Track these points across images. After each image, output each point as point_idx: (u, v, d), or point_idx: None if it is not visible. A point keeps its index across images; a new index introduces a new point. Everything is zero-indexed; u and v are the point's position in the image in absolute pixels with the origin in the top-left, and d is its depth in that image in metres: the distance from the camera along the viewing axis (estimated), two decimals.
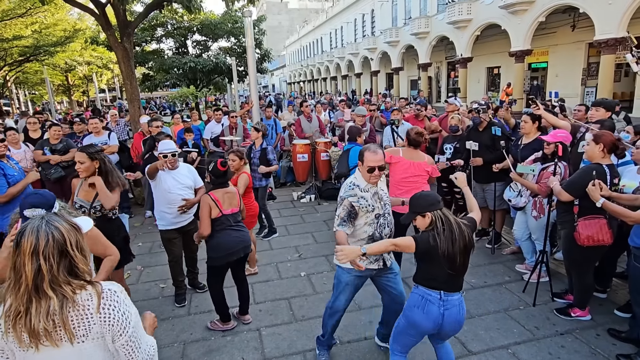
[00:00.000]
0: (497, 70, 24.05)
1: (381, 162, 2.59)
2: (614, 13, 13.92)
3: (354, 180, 2.69)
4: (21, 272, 1.30)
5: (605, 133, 3.13)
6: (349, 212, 2.59)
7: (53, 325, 1.30)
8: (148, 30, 16.12)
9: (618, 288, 3.86)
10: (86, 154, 3.06)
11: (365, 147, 2.70)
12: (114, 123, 7.99)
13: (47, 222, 1.36)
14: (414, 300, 2.33)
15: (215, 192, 3.34)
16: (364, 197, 2.62)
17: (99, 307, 1.36)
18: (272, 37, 54.38)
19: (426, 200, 2.25)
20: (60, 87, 31.30)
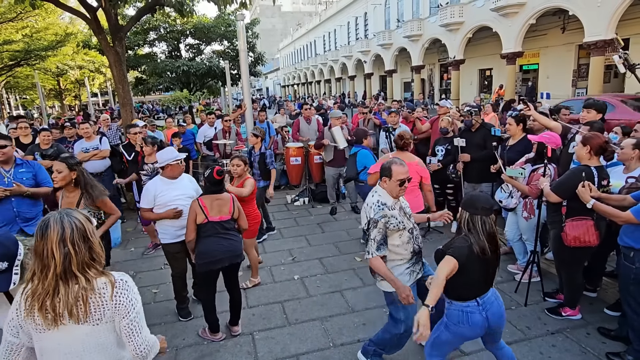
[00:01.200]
0: (489, 72, 24.26)
1: (408, 173, 2.57)
2: (602, 15, 14.12)
3: (379, 199, 2.58)
4: (49, 258, 1.46)
5: (594, 135, 3.17)
6: (385, 235, 2.53)
7: (78, 304, 1.48)
8: (140, 34, 16.07)
9: (608, 287, 3.90)
10: (65, 163, 3.16)
11: (389, 161, 2.64)
12: (105, 127, 7.94)
13: (67, 213, 1.55)
14: (455, 317, 2.33)
15: (204, 198, 3.28)
16: (394, 216, 2.55)
17: (113, 295, 1.54)
18: (265, 40, 54.37)
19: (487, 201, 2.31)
20: (52, 91, 31.10)
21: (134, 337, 1.59)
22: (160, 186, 3.50)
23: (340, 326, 3.49)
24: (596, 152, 3.11)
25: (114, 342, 1.60)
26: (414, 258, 2.68)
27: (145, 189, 3.55)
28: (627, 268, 2.84)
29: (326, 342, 3.30)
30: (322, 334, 3.42)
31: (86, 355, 1.55)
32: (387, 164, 2.62)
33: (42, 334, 1.50)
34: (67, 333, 1.51)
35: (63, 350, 1.53)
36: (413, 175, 3.93)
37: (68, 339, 1.52)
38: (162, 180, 3.56)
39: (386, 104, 12.38)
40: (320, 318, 3.65)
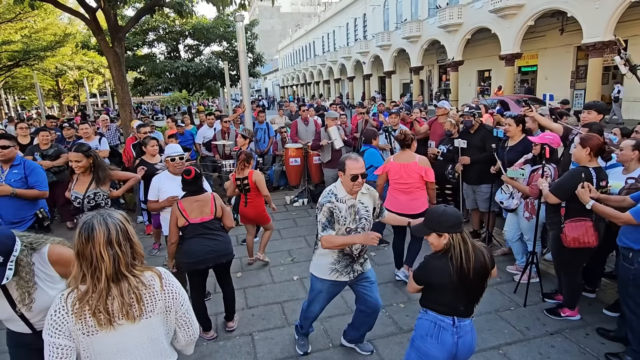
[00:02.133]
0: (487, 74, 24.32)
1: (362, 169, 2.59)
2: (600, 17, 14.17)
3: (332, 189, 2.69)
4: (98, 261, 1.47)
5: (592, 137, 3.17)
6: (329, 218, 2.60)
7: (130, 303, 1.50)
8: (140, 35, 16.06)
9: (607, 288, 3.91)
10: (81, 153, 3.45)
11: (344, 156, 2.69)
12: (105, 128, 7.94)
13: (108, 214, 1.56)
14: (425, 328, 2.11)
15: (183, 201, 3.29)
16: (339, 208, 2.62)
17: (162, 285, 1.59)
18: (264, 41, 54.41)
19: (449, 219, 2.01)
20: (51, 91, 31.07)
21: (189, 324, 1.69)
22: (164, 181, 3.80)
23: (340, 327, 3.48)
24: (595, 153, 3.11)
25: (163, 334, 1.62)
26: (341, 259, 2.75)
27: (152, 182, 3.90)
28: (626, 269, 2.85)
29: (325, 343, 3.30)
30: (322, 334, 3.42)
31: (138, 351, 1.56)
32: (342, 159, 2.66)
33: (92, 337, 1.49)
34: (120, 332, 1.51)
35: (115, 350, 1.52)
36: (412, 176, 3.97)
37: (121, 338, 1.52)
38: (166, 176, 3.86)
39: (386, 105, 12.37)
40: (320, 318, 3.62)
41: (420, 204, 4.01)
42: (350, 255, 2.75)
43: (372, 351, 3.12)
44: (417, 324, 2.20)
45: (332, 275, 2.78)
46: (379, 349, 3.17)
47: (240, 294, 4.07)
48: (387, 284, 4.20)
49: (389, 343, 3.26)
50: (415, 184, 3.97)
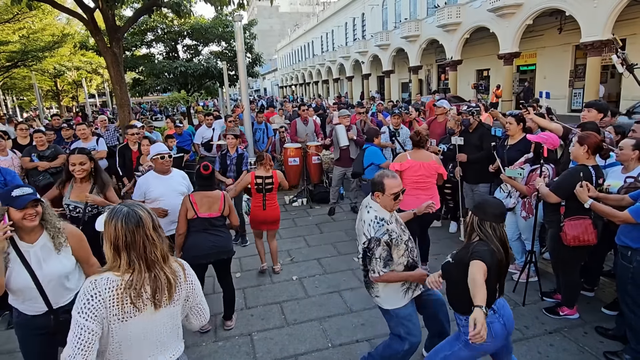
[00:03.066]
0: (486, 73, 24.33)
1: (401, 185, 2.47)
2: (599, 16, 14.19)
3: (376, 214, 2.45)
4: (150, 245, 1.56)
5: (590, 135, 3.17)
6: (389, 252, 2.41)
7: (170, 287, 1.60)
8: (138, 35, 16.03)
9: (605, 286, 3.90)
10: (87, 155, 3.31)
11: (381, 174, 2.52)
12: (103, 129, 7.92)
13: (137, 205, 1.63)
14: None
15: (195, 195, 3.38)
16: (394, 230, 2.44)
17: (185, 276, 1.71)
18: (263, 41, 54.45)
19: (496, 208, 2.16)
20: (49, 92, 30.97)
21: (202, 311, 1.82)
22: (151, 181, 3.68)
23: (339, 326, 3.49)
24: (594, 151, 3.12)
25: (180, 320, 1.73)
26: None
27: (137, 183, 3.78)
28: (624, 267, 2.85)
29: (325, 343, 3.29)
30: (321, 334, 3.41)
31: (162, 335, 1.64)
32: (378, 178, 2.48)
33: (126, 322, 1.54)
34: (151, 317, 1.58)
35: (143, 334, 1.58)
36: (432, 174, 4.10)
37: (150, 323, 1.59)
38: (153, 176, 3.73)
39: (385, 105, 12.38)
40: (319, 318, 3.65)
41: (437, 199, 4.17)
42: (414, 266, 2.57)
43: None
44: (466, 330, 2.04)
45: (408, 295, 2.56)
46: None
47: (239, 294, 4.06)
48: None
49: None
50: (433, 181, 4.14)
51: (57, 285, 2.17)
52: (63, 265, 2.19)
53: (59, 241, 2.18)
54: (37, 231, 2.15)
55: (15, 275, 2.07)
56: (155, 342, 1.63)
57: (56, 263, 2.16)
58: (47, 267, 2.12)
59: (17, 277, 2.07)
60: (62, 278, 2.19)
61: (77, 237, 2.30)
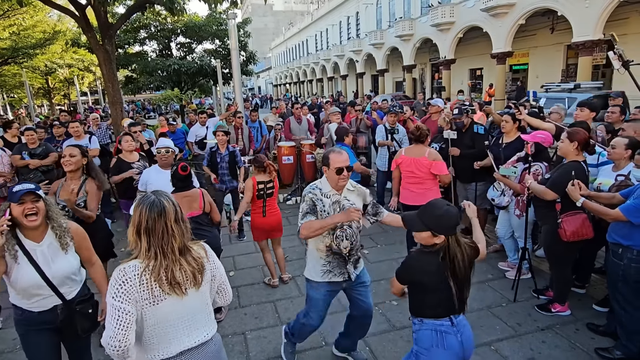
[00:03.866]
0: (479, 72, 24.47)
1: (347, 162, 2.51)
2: (590, 16, 14.33)
3: (317, 183, 2.63)
4: (169, 235, 1.63)
5: (579, 131, 3.22)
6: (310, 206, 2.50)
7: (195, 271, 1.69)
8: (131, 32, 15.89)
9: (596, 283, 3.95)
10: (79, 148, 3.31)
11: (327, 150, 2.62)
12: (95, 127, 7.85)
13: (167, 194, 1.74)
14: (428, 339, 1.99)
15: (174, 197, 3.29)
16: (322, 202, 2.53)
17: (207, 256, 1.80)
18: (257, 39, 54.25)
19: (450, 221, 1.91)
20: (41, 90, 30.58)
21: (226, 290, 1.93)
22: (153, 174, 3.91)
23: (333, 324, 3.48)
24: (583, 146, 3.17)
25: (210, 298, 1.82)
26: (331, 258, 2.60)
27: (142, 177, 4.06)
28: (615, 265, 2.88)
29: (318, 341, 3.29)
30: (314, 332, 3.40)
31: (197, 315, 1.74)
32: (325, 153, 2.59)
33: (158, 305, 1.61)
34: (182, 300, 1.66)
35: (178, 315, 1.67)
36: (422, 170, 4.07)
37: (182, 304, 1.67)
38: (155, 170, 3.99)
39: (379, 104, 12.39)
40: None
41: (433, 193, 4.10)
42: (339, 254, 2.60)
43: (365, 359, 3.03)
44: (417, 337, 2.06)
45: (326, 277, 2.63)
46: (372, 347, 3.18)
47: (234, 293, 4.02)
48: (379, 281, 4.20)
49: (382, 341, 3.27)
50: (425, 176, 4.08)
51: (66, 280, 2.23)
52: (71, 264, 2.24)
53: (65, 241, 2.21)
54: (42, 230, 2.16)
55: (23, 274, 2.08)
56: (189, 322, 1.70)
57: (64, 262, 2.20)
58: (56, 266, 2.16)
59: (24, 276, 2.08)
60: (71, 274, 2.25)
61: (81, 235, 2.35)
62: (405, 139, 6.11)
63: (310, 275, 2.73)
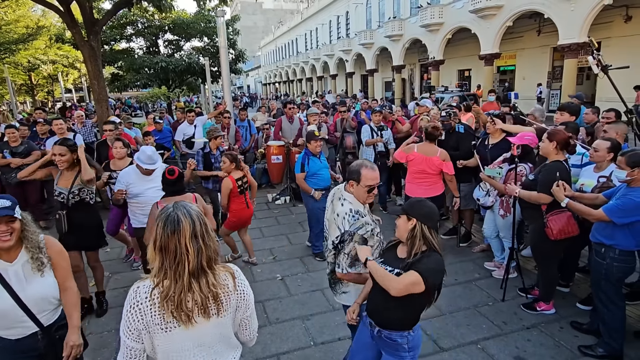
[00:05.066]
0: (467, 73, 24.73)
1: (378, 179, 2.31)
2: (576, 19, 14.59)
3: (351, 206, 2.28)
4: (182, 255, 1.42)
5: (559, 131, 3.31)
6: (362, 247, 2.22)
7: (208, 300, 1.46)
8: (117, 29, 15.62)
9: (580, 282, 4.03)
10: (66, 147, 3.35)
11: (359, 163, 2.34)
12: (80, 124, 7.70)
13: (190, 207, 1.50)
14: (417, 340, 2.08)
15: (163, 202, 3.18)
16: (368, 222, 2.28)
17: (235, 285, 1.55)
18: (246, 38, 53.95)
19: (424, 207, 1.98)
20: (23, 86, 29.89)
21: (252, 324, 1.68)
22: (133, 177, 3.68)
23: (322, 325, 3.49)
24: (562, 146, 3.23)
25: (231, 330, 1.62)
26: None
27: (120, 176, 3.78)
28: (598, 264, 2.94)
29: (307, 341, 3.29)
30: (303, 332, 3.40)
31: (215, 346, 1.56)
32: (356, 166, 2.31)
33: (170, 333, 1.45)
34: (197, 328, 1.48)
35: (193, 345, 1.51)
36: (432, 169, 4.31)
37: (198, 334, 1.50)
38: (135, 172, 3.72)
39: (369, 103, 12.43)
40: (301, 317, 3.64)
41: (438, 188, 4.44)
42: None
43: None
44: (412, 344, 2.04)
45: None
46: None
47: None
48: None
49: None
50: (434, 174, 4.37)
51: (43, 303, 2.00)
52: (48, 286, 2.00)
53: (41, 261, 1.98)
54: (16, 248, 1.94)
55: None
56: (206, 351, 1.55)
57: (41, 284, 1.97)
58: (31, 288, 1.93)
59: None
60: (50, 298, 2.02)
61: (58, 253, 2.10)
62: (391, 139, 6.12)
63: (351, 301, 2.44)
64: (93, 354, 3.16)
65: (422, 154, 4.38)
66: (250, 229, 5.66)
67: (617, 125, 3.83)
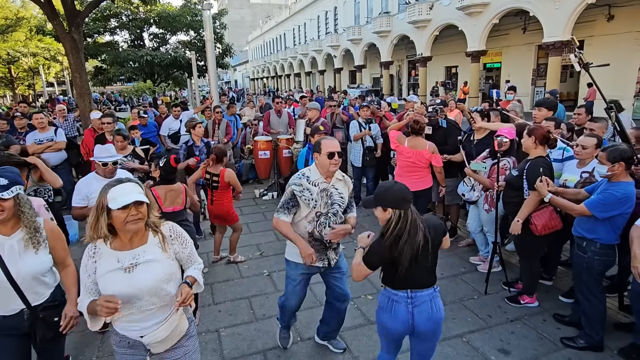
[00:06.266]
0: (454, 70, 24.93)
1: (338, 147, 2.55)
2: (560, 17, 14.81)
3: (305, 171, 2.64)
4: None
5: (537, 127, 3.37)
6: (289, 200, 2.57)
7: None
8: (100, 21, 15.31)
9: (562, 275, 4.11)
10: None
11: (320, 138, 2.66)
12: (62, 119, 7.51)
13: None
14: (381, 303, 2.25)
15: (158, 189, 3.25)
16: (309, 190, 2.56)
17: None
18: (234, 32, 53.25)
19: (394, 195, 2.06)
20: (3, 79, 29.06)
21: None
22: (94, 185, 3.16)
23: (308, 320, 3.48)
24: (540, 141, 3.27)
25: None
26: (313, 243, 2.64)
27: (76, 187, 3.25)
28: (579, 257, 3.00)
29: (293, 337, 3.27)
30: (290, 328, 3.39)
31: None
32: (317, 141, 2.62)
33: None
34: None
35: None
36: (422, 161, 4.42)
37: None
38: (96, 179, 3.24)
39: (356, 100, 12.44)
40: None
41: (427, 181, 4.56)
42: (320, 240, 2.66)
43: (344, 349, 3.06)
44: (378, 298, 2.30)
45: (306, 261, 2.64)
46: (347, 341, 3.19)
47: (207, 290, 3.98)
48: None
49: (357, 335, 3.28)
50: (424, 166, 4.48)
51: (33, 282, 2.05)
52: (41, 262, 2.06)
53: (37, 240, 2.04)
54: (14, 223, 2.01)
55: None
56: None
57: (34, 259, 2.03)
58: (23, 263, 1.98)
59: None
60: (39, 275, 2.07)
61: (56, 235, 2.18)
62: (379, 135, 6.13)
63: (290, 257, 2.79)
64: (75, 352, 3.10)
65: (411, 147, 4.45)
66: None
67: (603, 123, 3.93)
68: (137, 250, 1.83)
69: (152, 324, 1.83)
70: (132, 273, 1.77)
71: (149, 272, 1.80)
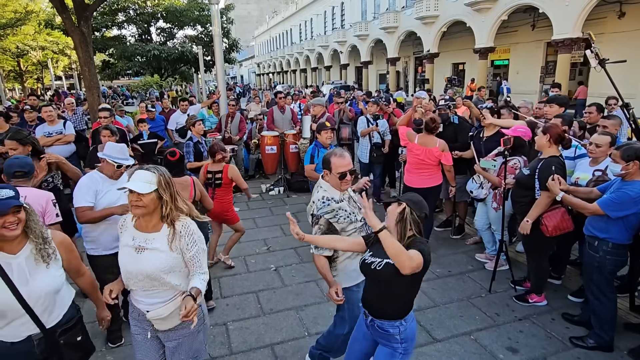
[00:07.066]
0: (462, 67, 24.73)
1: (350, 165, 2.36)
2: (570, 14, 14.62)
3: (324, 194, 2.37)
4: None
5: (553, 125, 3.31)
6: (327, 232, 2.33)
7: None
8: (108, 15, 15.35)
9: (572, 274, 4.07)
10: (15, 140, 3.17)
11: (329, 152, 2.43)
12: (70, 112, 7.55)
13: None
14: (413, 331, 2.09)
15: None
16: (342, 208, 2.36)
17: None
18: (240, 27, 53.18)
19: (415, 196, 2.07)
20: (12, 73, 29.28)
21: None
22: (101, 183, 2.86)
23: (316, 315, 3.49)
24: (555, 140, 3.23)
25: None
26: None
27: (80, 184, 2.85)
28: (591, 257, 2.97)
29: (301, 332, 3.28)
30: (297, 323, 3.40)
31: None
32: (327, 156, 2.39)
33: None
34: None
35: None
36: (431, 159, 4.35)
37: None
38: (102, 177, 2.89)
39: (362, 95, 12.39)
40: (295, 307, 3.63)
41: (437, 178, 4.49)
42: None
43: None
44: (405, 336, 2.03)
45: (361, 277, 2.35)
46: None
47: (215, 284, 4.00)
48: None
49: None
50: (433, 164, 4.41)
51: (47, 301, 1.85)
52: (54, 278, 1.86)
53: (47, 252, 1.84)
54: (20, 240, 1.81)
55: None
56: None
57: (45, 277, 1.83)
58: (35, 282, 1.79)
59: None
60: (53, 293, 1.87)
61: (68, 247, 2.00)
62: (387, 131, 6.10)
63: (346, 284, 2.46)
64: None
65: (422, 145, 4.40)
66: (244, 219, 5.64)
67: (616, 121, 3.87)
68: (149, 235, 1.92)
69: (156, 302, 1.94)
70: (140, 255, 1.89)
71: (151, 259, 1.88)
